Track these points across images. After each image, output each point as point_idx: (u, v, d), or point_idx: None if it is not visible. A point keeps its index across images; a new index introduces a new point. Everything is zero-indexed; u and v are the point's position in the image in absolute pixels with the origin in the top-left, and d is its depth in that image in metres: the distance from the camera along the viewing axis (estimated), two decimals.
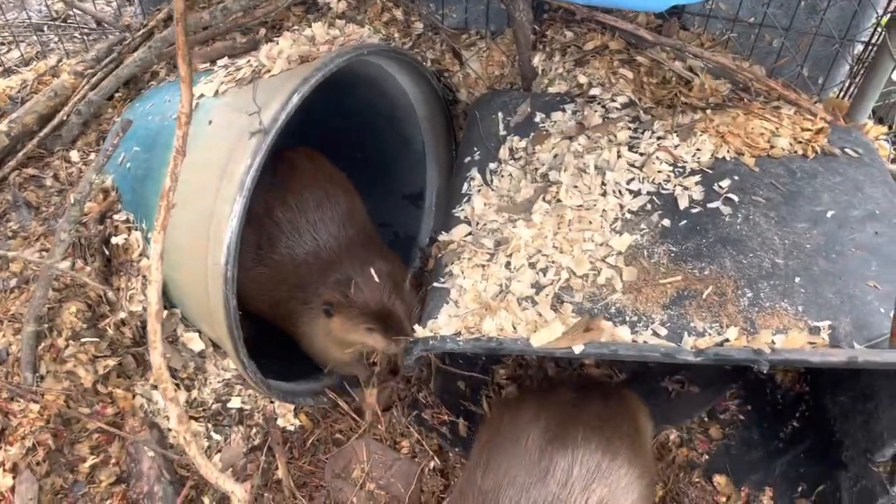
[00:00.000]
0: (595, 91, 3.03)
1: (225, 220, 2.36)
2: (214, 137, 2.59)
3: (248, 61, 2.89)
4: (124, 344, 2.69)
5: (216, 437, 2.75)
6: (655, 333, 2.19)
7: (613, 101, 2.98)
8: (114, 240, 2.76)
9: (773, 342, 2.11)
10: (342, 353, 2.93)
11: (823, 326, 2.15)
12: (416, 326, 2.34)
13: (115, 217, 2.82)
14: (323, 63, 2.57)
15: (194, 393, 2.81)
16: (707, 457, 3.10)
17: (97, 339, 2.60)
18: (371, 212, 3.86)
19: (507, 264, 2.45)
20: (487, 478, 2.21)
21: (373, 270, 2.73)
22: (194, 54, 3.35)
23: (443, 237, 2.62)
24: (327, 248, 2.96)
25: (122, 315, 2.68)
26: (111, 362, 2.60)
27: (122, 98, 3.53)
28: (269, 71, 2.76)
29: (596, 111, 2.91)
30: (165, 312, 2.80)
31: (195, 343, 2.84)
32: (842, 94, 3.23)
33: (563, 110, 2.97)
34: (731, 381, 3.25)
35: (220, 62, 3.08)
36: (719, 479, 3.00)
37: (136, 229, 2.82)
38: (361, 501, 2.79)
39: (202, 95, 2.78)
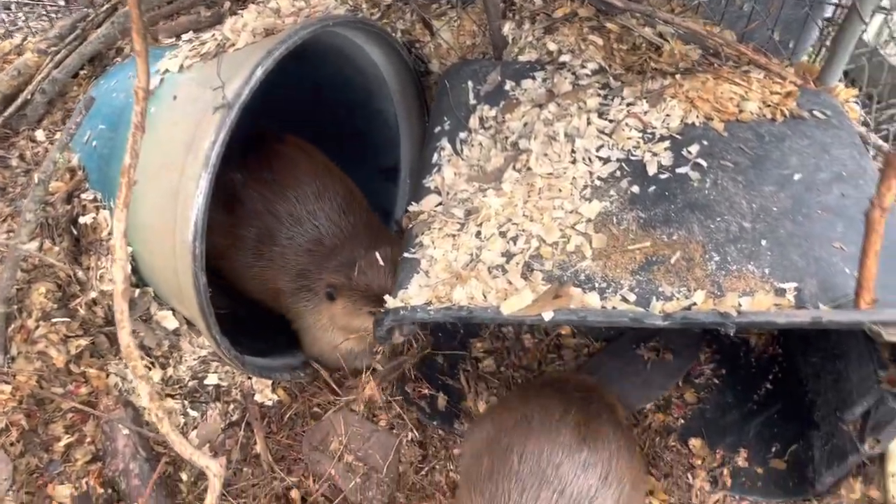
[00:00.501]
0: (565, 58, 3.01)
1: (191, 197, 2.33)
2: (179, 113, 2.56)
3: (213, 35, 2.85)
4: (96, 323, 2.67)
5: (193, 413, 2.76)
6: (624, 299, 2.20)
7: (583, 67, 2.96)
8: (82, 219, 2.73)
9: (739, 305, 2.13)
10: (345, 341, 2.91)
11: (789, 288, 2.16)
12: (387, 297, 2.34)
13: (83, 196, 2.79)
14: (287, 36, 2.54)
15: (170, 371, 2.81)
16: (683, 421, 3.14)
17: (68, 320, 2.59)
18: None
19: (478, 234, 2.44)
20: (525, 467, 2.22)
21: (377, 254, 2.71)
22: (159, 29, 3.30)
23: (413, 208, 2.61)
24: (329, 235, 2.94)
25: (93, 294, 2.66)
26: (83, 342, 2.59)
27: (87, 76, 3.48)
28: (233, 45, 2.73)
29: (566, 78, 2.89)
30: (138, 291, 2.79)
31: (169, 321, 2.83)
32: (813, 57, 3.22)
33: (534, 78, 2.95)
34: (702, 346, 3.29)
35: (184, 37, 3.04)
36: (695, 443, 3.04)
37: (104, 208, 2.79)
38: (340, 473, 2.80)
39: (167, 71, 2.74)
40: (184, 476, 2.66)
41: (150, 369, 2.71)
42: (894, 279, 2.17)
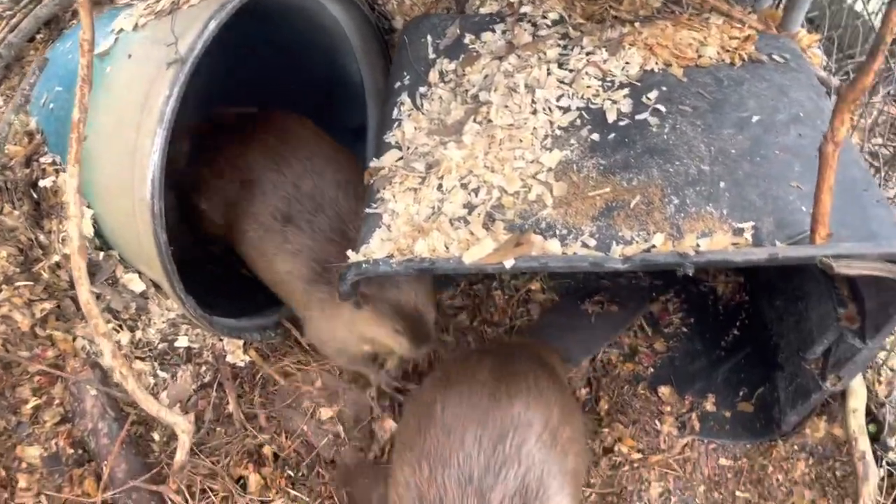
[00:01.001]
0: (525, 9, 2.99)
1: (147, 155, 2.32)
2: (134, 71, 2.53)
3: None
4: (61, 287, 2.67)
5: (162, 374, 2.76)
6: (585, 245, 2.22)
7: (544, 18, 2.94)
8: (42, 183, 2.71)
9: (697, 245, 2.15)
10: (358, 348, 2.80)
11: (747, 227, 2.18)
12: (349, 252, 2.34)
13: (42, 160, 2.77)
14: None
15: (138, 334, 2.80)
16: (652, 370, 3.19)
17: (32, 283, 2.58)
18: None
19: (439, 186, 2.44)
20: (447, 413, 2.25)
21: None
22: None
23: (373, 163, 2.60)
24: (353, 229, 2.73)
25: (56, 258, 2.66)
26: (48, 305, 2.58)
27: (43, 39, 3.43)
28: (187, 1, 2.68)
29: (526, 30, 2.88)
30: (102, 254, 2.78)
31: (135, 284, 2.82)
32: (776, 2, 3.22)
33: (493, 30, 2.93)
34: (649, 298, 3.35)
35: None
36: (664, 390, 3.09)
37: (64, 171, 2.76)
38: (312, 430, 2.83)
39: (121, 30, 2.70)
40: (156, 436, 2.67)
41: (118, 332, 2.71)
42: (851, 215, 2.20)
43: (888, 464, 2.67)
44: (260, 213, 2.84)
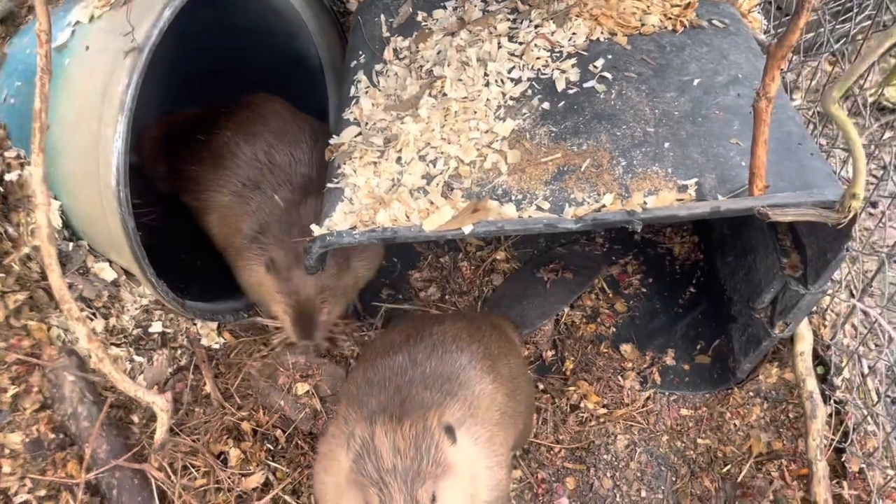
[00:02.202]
0: None
1: (110, 142, 2.38)
2: (92, 62, 2.58)
3: None
4: (32, 278, 2.71)
5: (139, 359, 2.83)
6: (539, 208, 2.32)
7: None
8: (7, 177, 2.74)
9: (645, 203, 2.26)
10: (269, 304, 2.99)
11: (690, 184, 2.30)
12: (313, 226, 2.42)
13: (6, 154, 2.79)
14: None
15: (112, 321, 2.86)
16: (614, 329, 3.32)
17: (3, 275, 2.61)
18: None
19: (398, 159, 2.53)
20: (370, 371, 2.36)
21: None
22: None
23: (333, 140, 2.68)
24: (299, 190, 2.99)
25: (26, 250, 2.69)
26: (21, 297, 2.62)
27: (0, 35, 3.43)
28: None
29: (476, 5, 2.96)
30: (72, 245, 2.83)
31: (106, 273, 2.87)
32: None
33: (444, 7, 3.01)
34: (604, 264, 3.48)
35: None
36: (625, 348, 3.23)
37: (29, 164, 2.79)
38: (289, 404, 2.91)
39: (77, 22, 2.74)
40: (135, 418, 2.74)
41: (91, 320, 2.76)
42: (787, 167, 2.32)
43: (835, 402, 2.83)
44: (232, 181, 3.05)
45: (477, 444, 2.20)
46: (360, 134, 2.66)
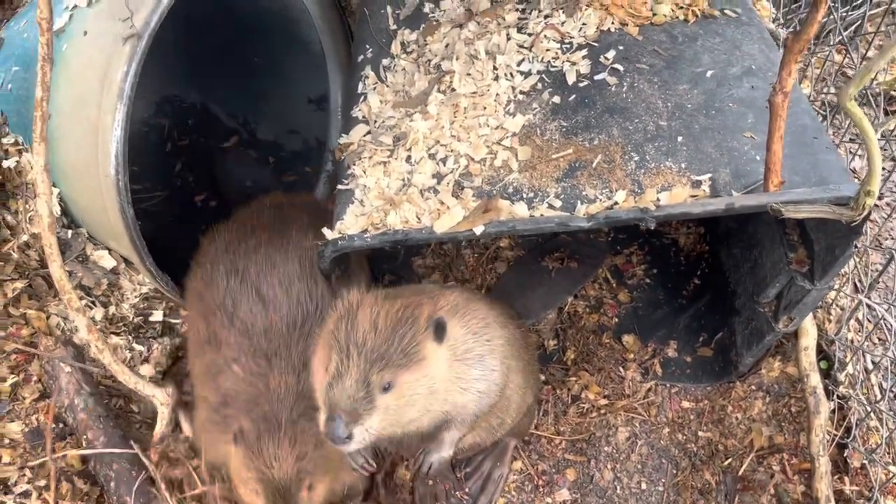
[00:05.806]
0: None
1: (109, 131, 2.34)
2: (90, 48, 2.52)
3: None
4: (31, 266, 2.68)
5: (139, 347, 2.80)
6: (551, 206, 2.30)
7: None
8: (5, 163, 2.69)
9: (658, 200, 2.24)
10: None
11: (704, 179, 2.27)
12: (325, 230, 2.38)
13: (4, 141, 2.74)
14: None
15: (112, 309, 2.83)
16: (616, 319, 3.32)
17: (2, 263, 2.59)
18: (276, 118, 3.83)
19: (408, 158, 2.49)
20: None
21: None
22: None
23: (342, 140, 2.64)
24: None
25: (25, 238, 2.66)
26: (19, 285, 2.60)
27: None
28: None
29: None
30: (71, 232, 2.78)
31: (106, 261, 2.84)
32: None
33: None
34: (608, 253, 3.48)
35: None
36: (628, 339, 3.23)
37: (27, 150, 2.75)
38: None
39: (75, 7, 2.67)
40: (135, 408, 2.73)
41: (91, 308, 2.73)
42: (802, 162, 2.30)
43: (838, 397, 2.85)
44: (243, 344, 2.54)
45: (467, 343, 2.19)
46: (368, 132, 2.62)
